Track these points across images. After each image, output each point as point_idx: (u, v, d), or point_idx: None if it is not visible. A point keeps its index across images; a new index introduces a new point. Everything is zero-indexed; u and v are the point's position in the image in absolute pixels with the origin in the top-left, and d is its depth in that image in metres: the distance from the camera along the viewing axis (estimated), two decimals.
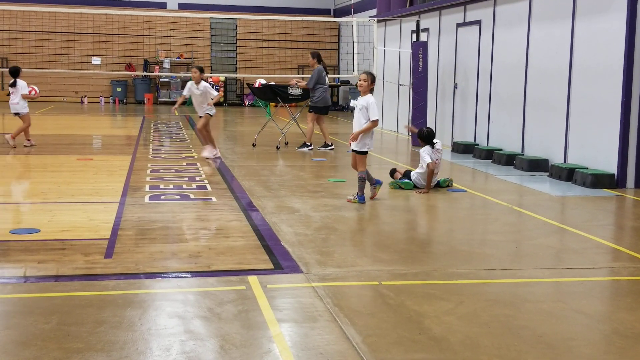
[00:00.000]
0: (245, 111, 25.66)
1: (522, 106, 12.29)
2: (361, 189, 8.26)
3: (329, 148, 13.56)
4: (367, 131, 8.20)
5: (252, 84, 14.22)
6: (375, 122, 8.14)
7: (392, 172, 9.84)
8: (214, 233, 6.76)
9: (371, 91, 8.32)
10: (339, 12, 29.67)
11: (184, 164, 11.43)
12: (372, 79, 8.28)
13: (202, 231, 6.80)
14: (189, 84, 11.93)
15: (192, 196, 8.53)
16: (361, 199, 8.22)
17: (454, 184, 9.60)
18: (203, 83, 11.84)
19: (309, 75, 13.79)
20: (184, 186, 9.21)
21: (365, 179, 8.28)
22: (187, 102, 26.55)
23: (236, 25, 29.31)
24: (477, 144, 13.65)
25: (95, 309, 4.48)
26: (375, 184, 8.53)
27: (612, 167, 9.85)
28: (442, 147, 9.72)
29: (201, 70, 11.92)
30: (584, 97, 10.53)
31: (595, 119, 10.25)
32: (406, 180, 9.38)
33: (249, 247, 6.16)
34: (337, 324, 4.32)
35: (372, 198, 8.45)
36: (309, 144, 13.53)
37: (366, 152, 8.34)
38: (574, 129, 10.77)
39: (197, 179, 9.87)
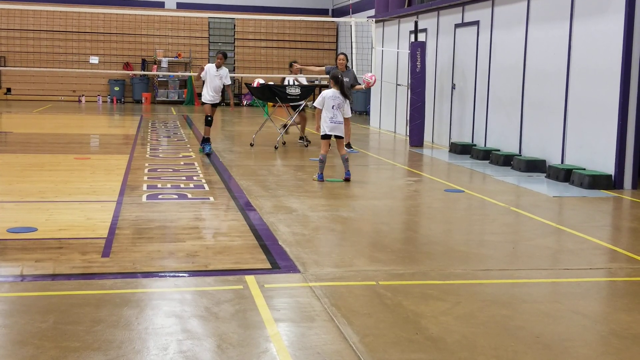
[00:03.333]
0: (243, 111, 25.66)
1: (519, 107, 12.30)
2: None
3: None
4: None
5: (251, 84, 14.22)
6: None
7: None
8: (211, 232, 6.76)
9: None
10: (337, 12, 29.67)
11: (182, 163, 11.43)
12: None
13: (200, 230, 6.80)
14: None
15: (189, 195, 8.52)
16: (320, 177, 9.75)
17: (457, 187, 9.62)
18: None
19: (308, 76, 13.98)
20: (182, 185, 9.20)
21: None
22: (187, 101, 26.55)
23: (234, 25, 29.30)
24: (475, 145, 13.66)
25: (92, 308, 4.48)
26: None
27: (609, 168, 9.86)
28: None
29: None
30: (581, 98, 10.54)
31: (592, 120, 10.26)
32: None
33: (247, 246, 6.16)
34: (335, 324, 4.32)
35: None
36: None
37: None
38: (572, 130, 10.78)
39: (195, 178, 9.87)
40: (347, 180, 9.72)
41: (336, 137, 9.93)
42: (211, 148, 12.69)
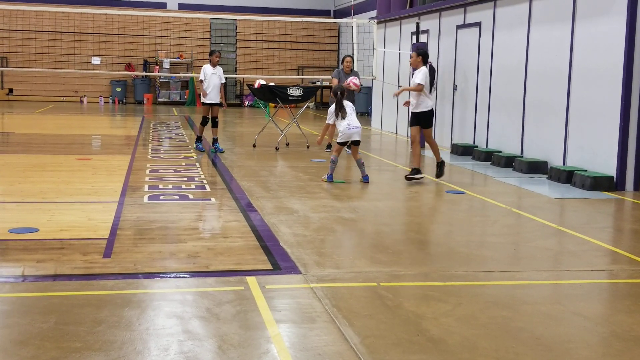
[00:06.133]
0: (244, 112, 25.66)
1: (521, 108, 12.29)
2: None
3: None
4: None
5: (252, 85, 14.22)
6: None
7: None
8: (212, 233, 6.76)
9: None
10: (339, 13, 29.68)
11: (183, 164, 11.43)
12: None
13: (201, 231, 6.80)
14: None
15: (191, 196, 8.52)
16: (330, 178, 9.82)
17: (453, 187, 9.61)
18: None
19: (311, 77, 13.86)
20: (183, 186, 9.21)
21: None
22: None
23: (236, 26, 29.31)
24: (477, 146, 13.65)
25: (93, 308, 4.48)
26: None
27: (611, 170, 9.85)
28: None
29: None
30: (583, 100, 10.53)
31: (594, 121, 10.26)
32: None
33: (248, 247, 6.17)
34: (336, 325, 4.32)
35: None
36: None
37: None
38: (574, 131, 10.77)
39: (196, 179, 9.87)
40: (366, 182, 9.85)
41: (352, 142, 10.05)
42: (202, 146, 13.11)
